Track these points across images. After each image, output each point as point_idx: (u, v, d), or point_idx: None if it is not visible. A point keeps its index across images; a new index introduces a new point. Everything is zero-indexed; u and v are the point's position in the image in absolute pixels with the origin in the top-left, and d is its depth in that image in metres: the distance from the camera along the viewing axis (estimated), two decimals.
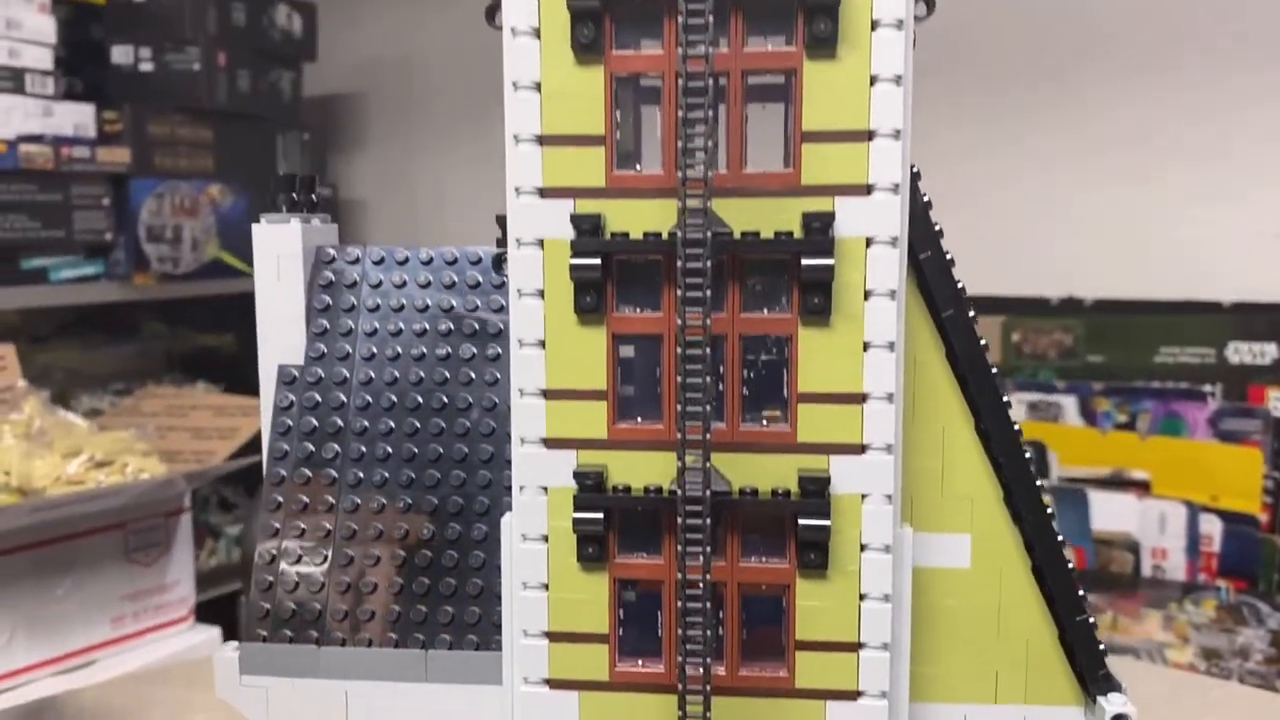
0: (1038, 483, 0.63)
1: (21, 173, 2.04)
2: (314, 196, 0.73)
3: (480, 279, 0.72)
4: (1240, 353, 2.06)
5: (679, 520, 0.58)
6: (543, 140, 0.59)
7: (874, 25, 0.56)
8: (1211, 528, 2.02)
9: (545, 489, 0.61)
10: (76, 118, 2.19)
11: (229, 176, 2.40)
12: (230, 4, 2.38)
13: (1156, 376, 2.10)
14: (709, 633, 0.58)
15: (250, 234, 0.72)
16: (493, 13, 0.59)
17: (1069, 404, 2.16)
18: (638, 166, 0.60)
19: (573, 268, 0.59)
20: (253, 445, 1.85)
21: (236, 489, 2.46)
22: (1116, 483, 2.10)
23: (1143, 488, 2.08)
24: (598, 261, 0.58)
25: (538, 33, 0.58)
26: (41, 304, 2.23)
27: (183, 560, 1.77)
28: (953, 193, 2.25)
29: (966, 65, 2.14)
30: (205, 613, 1.85)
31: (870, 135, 0.57)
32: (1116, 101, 2.06)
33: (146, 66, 2.34)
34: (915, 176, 0.61)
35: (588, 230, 0.59)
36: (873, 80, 0.56)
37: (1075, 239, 2.14)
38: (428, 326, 0.71)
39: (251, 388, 2.39)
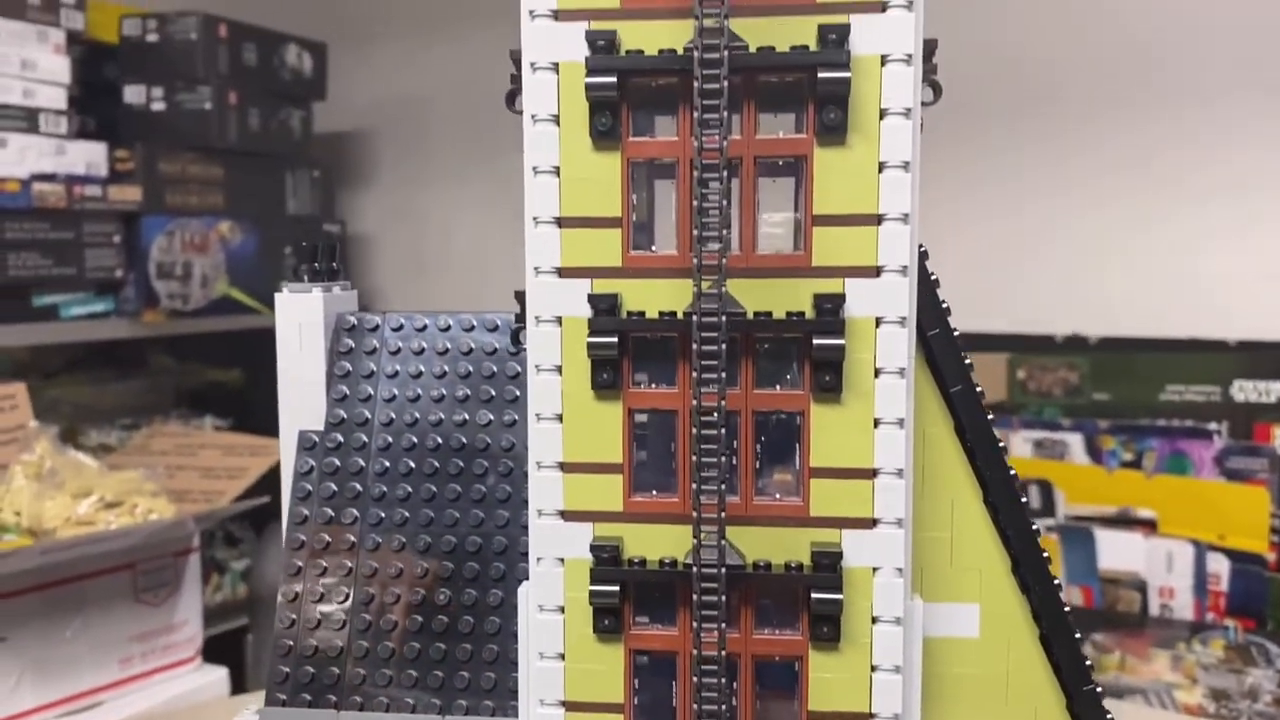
0: (1044, 554, 0.64)
1: (34, 211, 2.06)
2: (335, 264, 0.74)
3: (496, 345, 0.73)
4: (1246, 391, 2.06)
5: (694, 596, 0.59)
6: (561, 222, 0.61)
7: (883, 114, 0.58)
8: (1219, 567, 2.02)
9: (562, 560, 0.62)
10: (89, 156, 2.21)
11: (239, 213, 2.42)
12: (242, 44, 2.41)
13: (1162, 414, 2.11)
14: (723, 706, 0.59)
15: (259, 270, 0.73)
16: (512, 98, 0.61)
17: (1075, 442, 2.17)
18: (654, 248, 0.61)
19: (590, 345, 0.60)
20: (261, 484, 1.85)
21: (243, 524, 2.47)
22: (1123, 521, 2.10)
23: (1149, 526, 2.08)
24: (614, 340, 0.60)
25: (557, 119, 0.60)
26: (52, 340, 2.25)
27: (191, 600, 1.78)
28: (957, 230, 2.28)
29: (967, 102, 2.16)
30: (211, 648, 1.86)
31: (879, 219, 0.59)
32: (1120, 139, 2.08)
33: (158, 106, 2.37)
34: (923, 256, 0.63)
35: (605, 310, 0.60)
36: (881, 166, 0.58)
37: (1080, 276, 2.16)
38: (445, 392, 0.73)
39: (257, 423, 2.40)
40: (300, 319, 0.73)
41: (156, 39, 2.36)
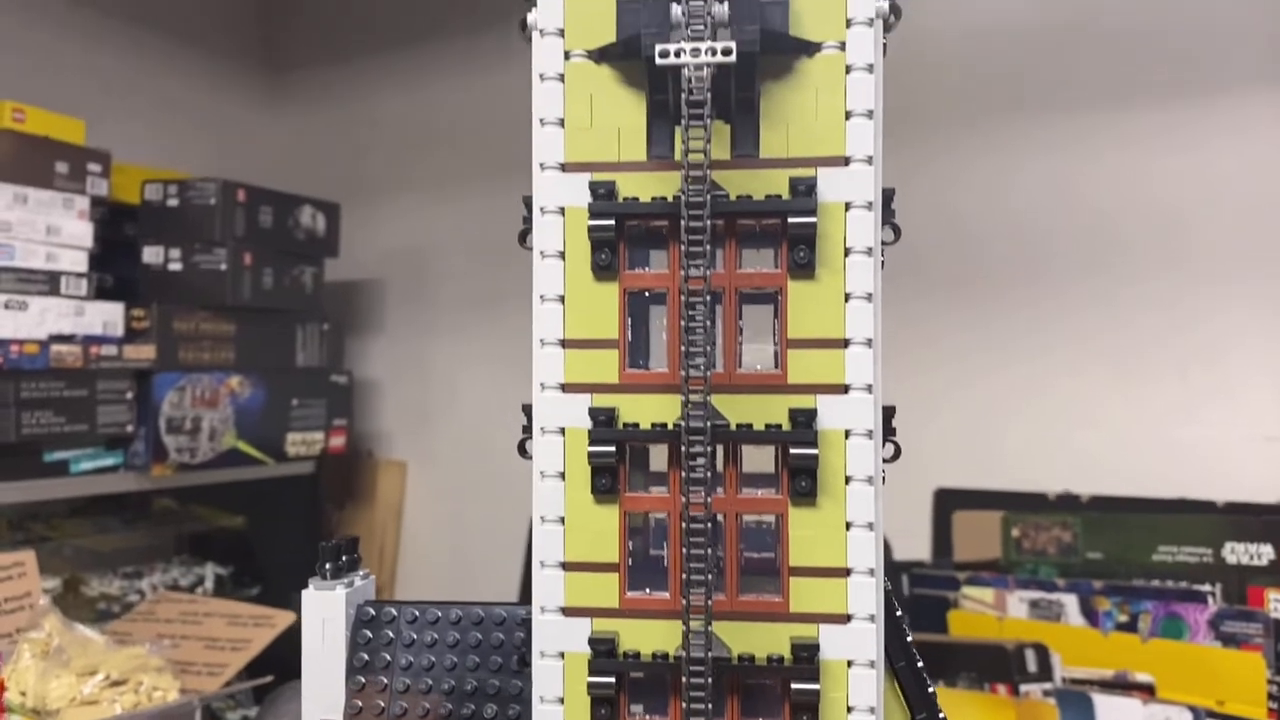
0: None
1: (51, 371, 2.11)
2: (356, 555, 0.79)
3: (503, 638, 0.78)
4: (1237, 553, 2.09)
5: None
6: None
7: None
8: None
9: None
10: (106, 316, 2.28)
11: (249, 368, 2.48)
12: (259, 207, 2.50)
13: (1156, 575, 2.13)
14: None
15: (266, 421, 0.75)
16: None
17: (1070, 603, 2.19)
18: (647, 590, 0.67)
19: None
20: (261, 660, 1.87)
21: (241, 677, 2.47)
22: (1121, 685, 2.10)
23: (1147, 691, 2.09)
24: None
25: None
26: (60, 496, 2.28)
27: None
28: (950, 391, 2.33)
29: (958, 271, 2.25)
30: None
31: (847, 572, 0.65)
32: (1106, 303, 2.15)
33: (175, 266, 2.45)
34: (889, 594, 0.68)
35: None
36: (848, 525, 0.64)
37: (1069, 435, 2.21)
38: (454, 684, 0.77)
39: (258, 572, 2.41)
40: (324, 615, 0.78)
41: (177, 203, 2.45)
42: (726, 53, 0.57)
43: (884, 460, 0.65)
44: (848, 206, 0.66)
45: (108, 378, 2.24)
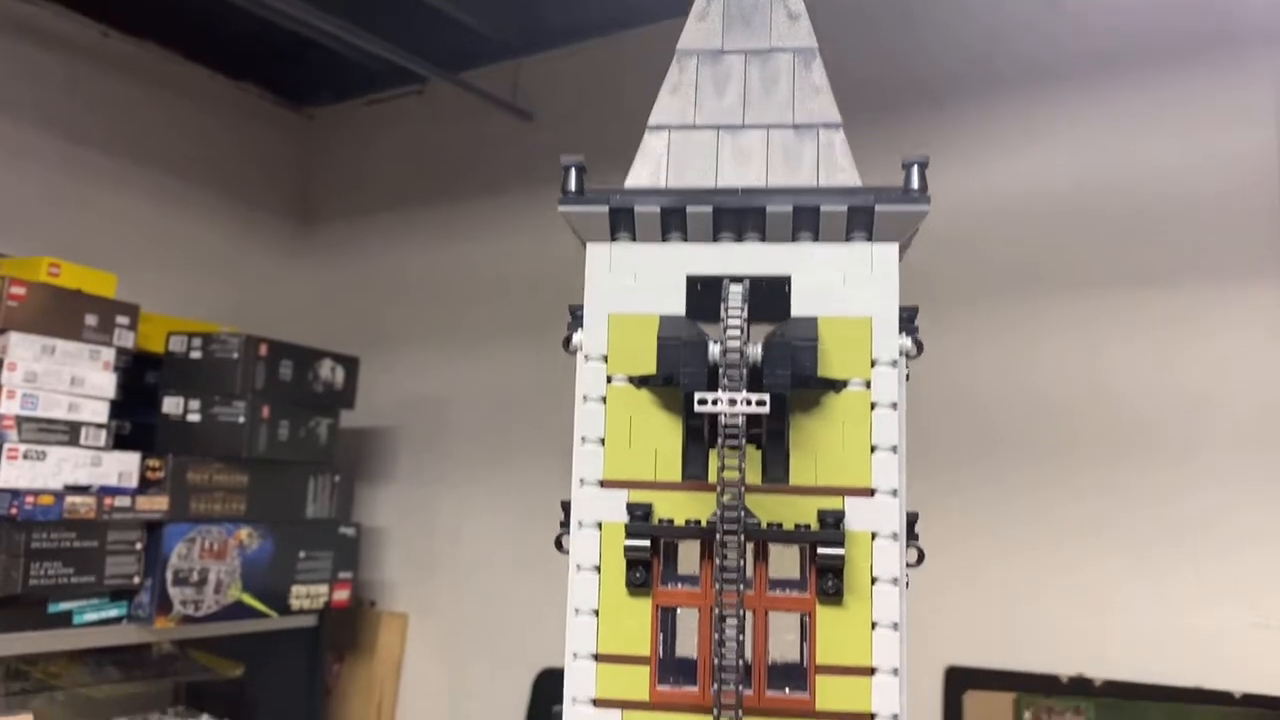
0: None
1: (63, 522, 2.11)
2: None
3: None
4: None
5: None
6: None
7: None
8: None
9: None
10: (122, 466, 2.28)
11: (258, 519, 2.48)
12: (279, 361, 2.54)
13: None
14: None
15: (273, 573, 0.73)
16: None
17: None
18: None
19: None
20: None
21: None
22: None
23: None
24: None
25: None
26: (63, 647, 2.25)
27: None
28: (963, 569, 2.30)
29: (981, 452, 2.26)
30: None
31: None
32: (1122, 488, 2.14)
33: (194, 417, 2.47)
34: None
35: None
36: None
37: (1083, 619, 2.18)
38: None
39: None
40: None
41: (200, 355, 2.49)
42: (760, 404, 0.61)
43: None
44: (874, 536, 0.68)
45: (119, 529, 2.24)
